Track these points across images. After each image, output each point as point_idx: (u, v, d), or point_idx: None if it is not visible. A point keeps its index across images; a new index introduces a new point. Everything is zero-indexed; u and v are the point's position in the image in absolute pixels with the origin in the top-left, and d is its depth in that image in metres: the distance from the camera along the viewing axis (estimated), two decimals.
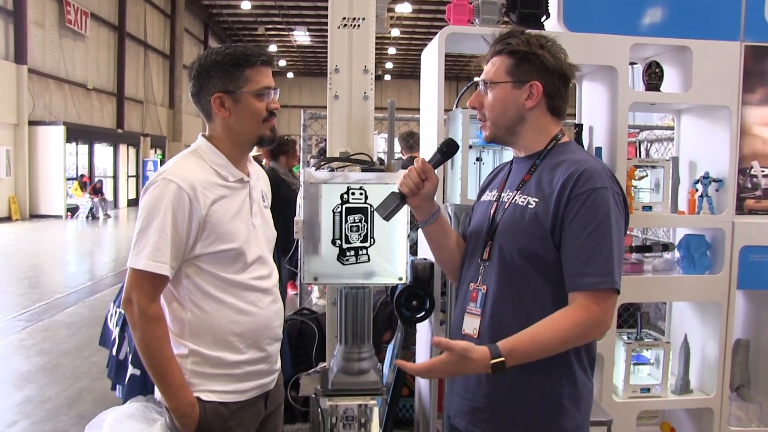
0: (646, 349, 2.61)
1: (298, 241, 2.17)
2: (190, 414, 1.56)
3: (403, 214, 1.91)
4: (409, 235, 1.69)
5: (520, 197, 1.49)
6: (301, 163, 4.56)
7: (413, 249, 2.64)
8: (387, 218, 1.58)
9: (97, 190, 16.49)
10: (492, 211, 1.56)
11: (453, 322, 1.64)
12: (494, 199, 1.58)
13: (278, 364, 1.78)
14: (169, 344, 1.56)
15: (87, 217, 15.80)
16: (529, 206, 1.46)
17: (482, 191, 1.70)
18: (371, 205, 1.97)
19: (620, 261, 1.41)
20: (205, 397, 1.59)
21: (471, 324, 1.52)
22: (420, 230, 1.69)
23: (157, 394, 1.64)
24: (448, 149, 1.61)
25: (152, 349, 1.54)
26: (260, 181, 1.78)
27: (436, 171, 1.59)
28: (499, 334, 1.43)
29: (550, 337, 1.36)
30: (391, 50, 27.83)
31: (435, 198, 1.61)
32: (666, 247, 2.67)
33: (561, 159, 1.48)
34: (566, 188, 1.41)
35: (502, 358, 1.33)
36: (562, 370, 1.47)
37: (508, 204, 1.52)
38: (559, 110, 1.55)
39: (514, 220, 1.48)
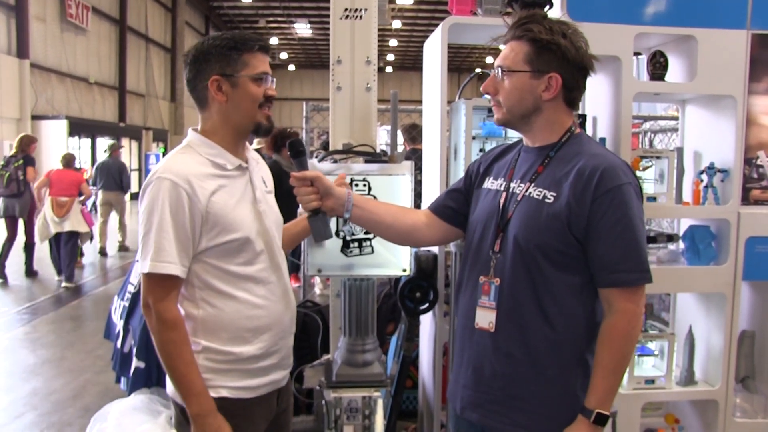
0: (651, 341, 2.60)
1: None
2: (213, 421, 1.53)
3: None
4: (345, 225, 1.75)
5: (534, 190, 1.47)
6: None
7: None
8: (327, 237, 1.65)
9: None
10: (501, 201, 1.53)
11: (461, 315, 1.60)
12: (502, 188, 1.55)
13: (290, 359, 1.76)
14: (189, 349, 1.53)
15: (90, 210, 15.86)
16: (546, 200, 1.44)
17: (483, 176, 1.65)
18: (375, 197, 1.97)
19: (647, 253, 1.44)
20: (214, 393, 1.56)
21: (485, 317, 1.50)
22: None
23: (169, 388, 1.62)
24: (296, 150, 1.64)
25: (170, 353, 1.52)
26: (259, 166, 1.76)
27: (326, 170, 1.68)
28: (516, 328, 1.46)
29: (613, 361, 1.41)
30: (393, 42, 27.72)
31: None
32: (670, 238, 2.65)
33: (576, 152, 1.47)
34: (590, 185, 1.40)
35: (597, 411, 1.39)
36: (576, 363, 1.47)
37: (521, 196, 1.49)
38: (575, 102, 1.53)
39: (530, 214, 1.46)
